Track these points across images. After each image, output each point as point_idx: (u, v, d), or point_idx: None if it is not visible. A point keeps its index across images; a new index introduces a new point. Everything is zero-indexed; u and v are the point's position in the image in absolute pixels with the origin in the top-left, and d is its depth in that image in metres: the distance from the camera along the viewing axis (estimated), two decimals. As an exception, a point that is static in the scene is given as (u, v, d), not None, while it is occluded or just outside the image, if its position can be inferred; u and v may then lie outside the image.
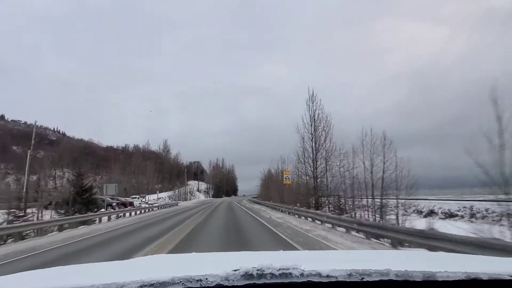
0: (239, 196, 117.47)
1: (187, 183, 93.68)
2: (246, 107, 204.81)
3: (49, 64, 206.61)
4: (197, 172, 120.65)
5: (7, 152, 77.87)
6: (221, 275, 1.02)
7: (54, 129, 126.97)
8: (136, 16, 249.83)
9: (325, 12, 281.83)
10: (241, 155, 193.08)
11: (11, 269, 6.94)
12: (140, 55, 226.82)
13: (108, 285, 0.98)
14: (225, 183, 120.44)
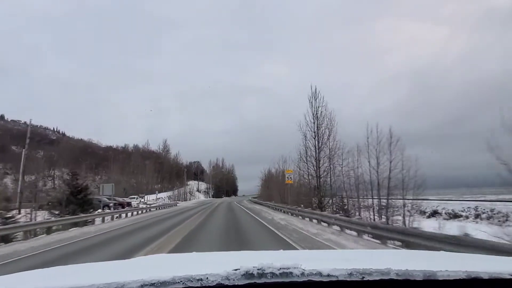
0: (239, 196, 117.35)
1: (187, 183, 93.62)
2: (246, 107, 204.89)
3: (49, 64, 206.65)
4: (197, 172, 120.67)
5: (6, 152, 77.83)
6: (221, 275, 1.02)
7: (53, 129, 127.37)
8: (136, 16, 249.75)
9: (325, 12, 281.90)
10: (241, 155, 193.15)
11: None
12: (140, 55, 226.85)
13: (108, 284, 0.98)
14: (225, 183, 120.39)
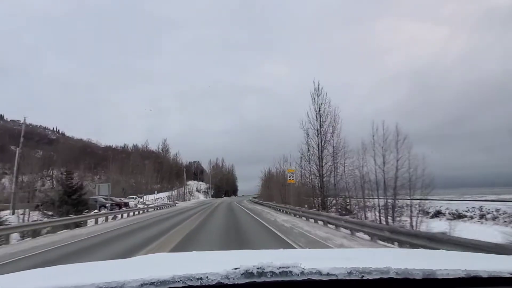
0: (238, 196, 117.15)
1: (187, 183, 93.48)
2: (246, 107, 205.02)
3: (49, 64, 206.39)
4: (197, 172, 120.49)
5: (5, 152, 77.66)
6: (221, 274, 1.02)
7: (53, 129, 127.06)
8: (136, 16, 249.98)
9: (325, 12, 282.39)
10: (241, 155, 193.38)
11: None
12: (140, 55, 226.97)
13: (108, 283, 0.98)
14: (225, 183, 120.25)
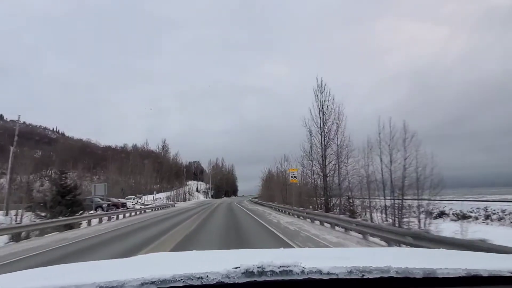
0: (238, 196, 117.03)
1: (186, 183, 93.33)
2: (246, 107, 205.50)
3: (49, 64, 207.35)
4: (197, 172, 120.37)
5: (5, 152, 77.56)
6: (222, 273, 1.02)
7: (53, 129, 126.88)
8: (136, 16, 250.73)
9: (325, 12, 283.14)
10: (241, 155, 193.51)
11: None
12: (140, 55, 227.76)
13: (109, 282, 0.98)
14: (225, 183, 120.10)
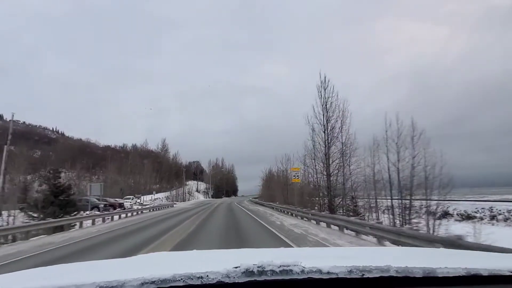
0: (238, 196, 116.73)
1: (186, 183, 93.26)
2: (246, 107, 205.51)
3: (49, 64, 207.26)
4: (197, 172, 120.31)
5: (3, 152, 77.50)
6: (222, 272, 1.02)
7: (53, 128, 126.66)
8: (136, 16, 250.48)
9: (325, 12, 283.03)
10: (241, 155, 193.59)
11: None
12: (140, 55, 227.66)
13: (109, 282, 0.98)
14: (224, 183, 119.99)
